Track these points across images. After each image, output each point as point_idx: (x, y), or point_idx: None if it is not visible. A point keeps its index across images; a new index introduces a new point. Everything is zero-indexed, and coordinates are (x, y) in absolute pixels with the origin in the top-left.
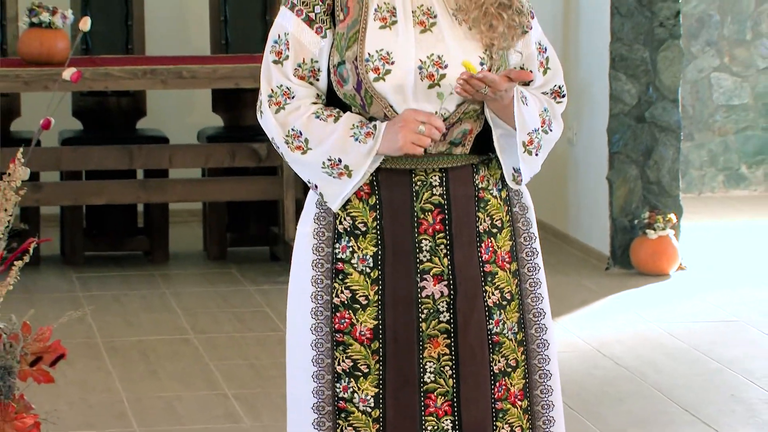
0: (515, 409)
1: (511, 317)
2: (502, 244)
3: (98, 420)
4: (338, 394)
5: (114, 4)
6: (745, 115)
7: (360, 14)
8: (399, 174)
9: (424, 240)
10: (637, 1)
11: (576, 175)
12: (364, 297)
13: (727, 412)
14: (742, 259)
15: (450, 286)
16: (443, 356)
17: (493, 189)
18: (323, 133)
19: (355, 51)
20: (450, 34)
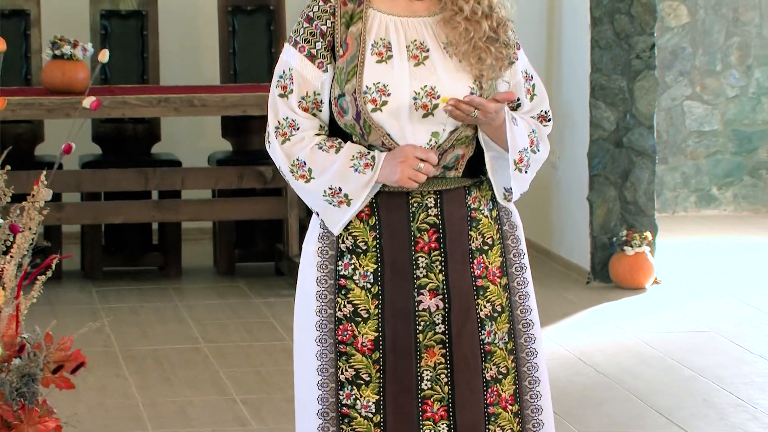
0: (506, 413)
1: (502, 328)
2: (492, 260)
3: (116, 423)
4: (342, 401)
5: (130, 38)
6: (715, 141)
7: (358, 49)
8: (396, 196)
9: (420, 257)
10: (615, 35)
11: (559, 195)
12: (365, 311)
13: (699, 416)
14: (713, 274)
15: (445, 300)
16: (439, 365)
17: (484, 209)
18: (325, 163)
19: (354, 84)
20: (442, 66)
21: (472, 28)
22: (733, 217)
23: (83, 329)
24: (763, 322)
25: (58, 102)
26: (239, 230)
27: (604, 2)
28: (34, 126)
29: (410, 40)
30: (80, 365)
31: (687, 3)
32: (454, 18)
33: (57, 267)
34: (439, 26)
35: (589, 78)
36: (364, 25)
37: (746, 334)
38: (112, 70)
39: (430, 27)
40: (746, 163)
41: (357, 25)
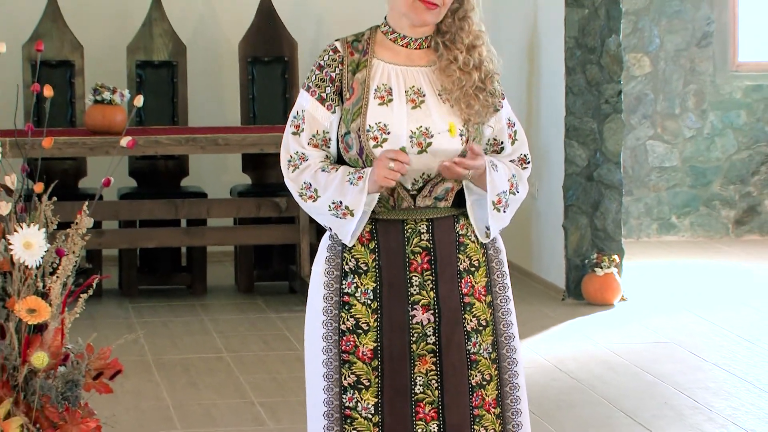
0: (489, 415)
1: (486, 340)
2: (478, 280)
3: (149, 423)
4: (345, 404)
5: (162, 85)
6: (674, 175)
7: (362, 93)
8: (393, 223)
9: (414, 277)
10: (587, 83)
11: (538, 223)
12: (365, 324)
13: (661, 417)
14: (673, 293)
15: (435, 315)
16: (430, 372)
17: (471, 235)
18: (327, 182)
19: (359, 123)
20: (436, 110)
21: (464, 78)
22: (690, 243)
23: (120, 340)
24: (717, 335)
25: (99, 141)
26: (257, 253)
27: (577, 54)
28: (78, 162)
29: (409, 86)
30: (117, 372)
31: (649, 55)
32: (449, 67)
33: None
34: (435, 75)
35: (564, 120)
36: (369, 72)
37: (702, 345)
38: (146, 113)
39: (427, 75)
40: (701, 195)
41: (362, 72)
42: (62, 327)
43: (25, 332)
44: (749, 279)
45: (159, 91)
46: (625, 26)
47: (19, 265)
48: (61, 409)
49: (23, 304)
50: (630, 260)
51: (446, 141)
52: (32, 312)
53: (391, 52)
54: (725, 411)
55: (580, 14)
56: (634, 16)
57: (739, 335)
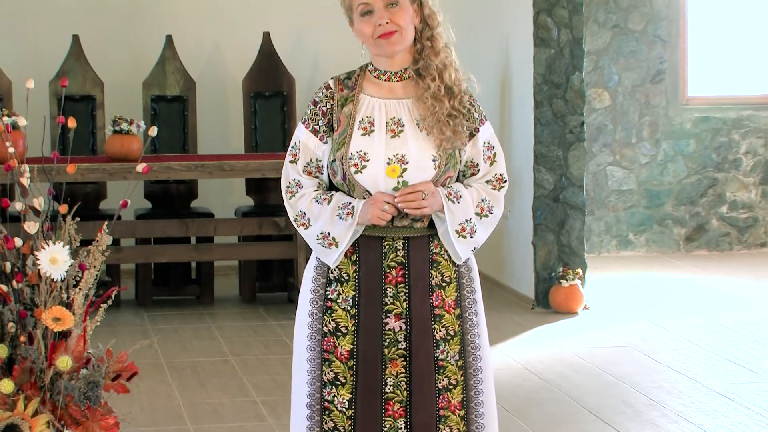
0: (455, 416)
1: (454, 348)
2: (449, 294)
3: (162, 420)
4: (324, 397)
5: (174, 117)
6: (631, 197)
7: (348, 125)
8: (374, 240)
9: (389, 288)
10: (553, 115)
11: (509, 240)
12: (344, 327)
13: (620, 413)
14: (630, 302)
15: (407, 323)
16: (400, 374)
17: (444, 253)
18: (319, 213)
19: (342, 152)
20: (412, 138)
21: (437, 105)
22: (645, 257)
23: (136, 345)
24: (670, 339)
25: (117, 167)
26: (259, 267)
27: (544, 89)
28: (99, 186)
29: (390, 117)
30: (134, 374)
31: (609, 90)
32: (424, 95)
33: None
34: (413, 105)
35: (533, 148)
36: (355, 106)
37: (656, 349)
38: (159, 142)
39: (407, 106)
40: (655, 215)
41: (349, 106)
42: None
43: (51, 338)
44: (698, 289)
45: (171, 123)
46: (587, 64)
47: (46, 278)
48: (83, 407)
49: (49, 313)
50: (592, 273)
51: (420, 168)
52: (57, 320)
53: (376, 86)
54: (677, 408)
55: (547, 53)
56: (595, 55)
57: (690, 340)
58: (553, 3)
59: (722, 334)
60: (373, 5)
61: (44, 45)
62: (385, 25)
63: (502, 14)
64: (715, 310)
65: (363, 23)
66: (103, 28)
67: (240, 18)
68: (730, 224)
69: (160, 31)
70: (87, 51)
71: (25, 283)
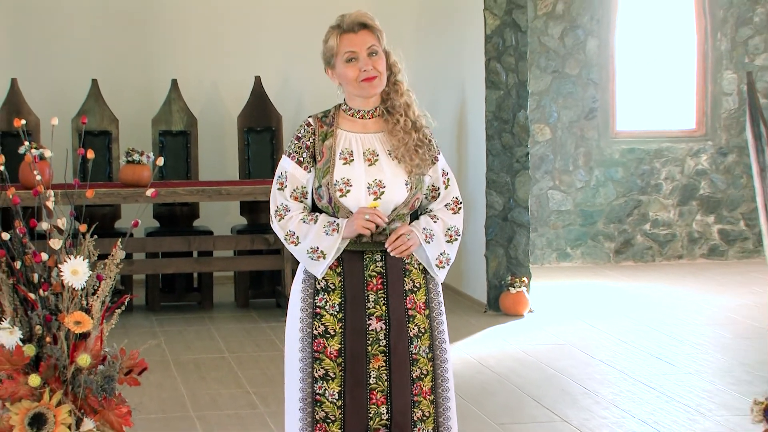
0: (425, 401)
1: (424, 344)
2: (419, 297)
3: (168, 408)
4: (316, 391)
5: (179, 149)
6: (568, 217)
7: (330, 156)
8: (356, 253)
9: (370, 294)
10: (502, 147)
11: (466, 253)
12: (332, 330)
13: (560, 401)
14: (568, 306)
15: (386, 324)
16: (381, 367)
17: (415, 263)
18: (307, 231)
19: (328, 179)
20: (387, 165)
21: (406, 137)
22: (580, 268)
23: (146, 345)
24: (602, 338)
25: (130, 192)
26: (252, 277)
27: (495, 125)
28: (114, 208)
29: (366, 148)
30: (144, 369)
31: (550, 125)
32: (395, 128)
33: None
34: (385, 138)
35: (485, 175)
36: (335, 140)
37: (590, 346)
38: (166, 171)
39: (379, 139)
40: (589, 232)
41: (329, 140)
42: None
43: (73, 339)
44: (626, 295)
45: (176, 154)
46: (531, 104)
47: (68, 287)
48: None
49: (71, 318)
50: (536, 281)
51: (396, 191)
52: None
53: (351, 123)
54: (608, 396)
55: (497, 94)
56: (538, 96)
57: (619, 338)
58: (501, 51)
59: (646, 333)
60: (358, 54)
61: (67, 87)
62: (369, 71)
63: (459, 61)
64: (639, 313)
65: (348, 68)
66: (117, 73)
67: (234, 65)
68: (653, 239)
69: (167, 76)
70: (104, 93)
71: (50, 291)
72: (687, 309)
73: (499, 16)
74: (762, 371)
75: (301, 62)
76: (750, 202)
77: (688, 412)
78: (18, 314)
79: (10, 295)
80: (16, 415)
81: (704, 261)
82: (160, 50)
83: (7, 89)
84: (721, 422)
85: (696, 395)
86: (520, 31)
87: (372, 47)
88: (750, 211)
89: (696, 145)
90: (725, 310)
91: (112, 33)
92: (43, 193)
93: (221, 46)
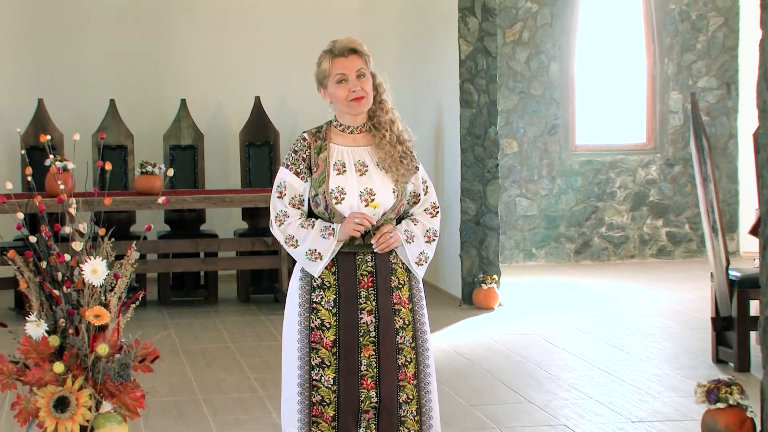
0: (410, 385)
1: (408, 334)
2: (404, 293)
3: (177, 392)
4: (313, 378)
5: (187, 161)
6: (534, 221)
7: (325, 167)
8: (349, 255)
9: (362, 291)
10: (475, 158)
11: (443, 253)
12: (328, 323)
13: (526, 384)
14: (534, 300)
15: (376, 317)
16: (371, 356)
17: (400, 263)
18: (306, 235)
19: (324, 188)
20: (376, 175)
21: (392, 150)
22: (545, 266)
23: (158, 336)
24: (564, 329)
25: (144, 200)
26: (253, 275)
27: (468, 139)
28: (129, 214)
29: (356, 160)
30: (156, 358)
31: (517, 140)
32: (381, 142)
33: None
34: (373, 151)
35: (460, 184)
36: (328, 153)
37: (553, 336)
38: (176, 181)
39: (368, 152)
40: (552, 234)
41: (324, 153)
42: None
43: (92, 331)
44: (584, 291)
45: (185, 166)
46: (500, 120)
47: (88, 284)
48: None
49: (91, 312)
50: (505, 278)
51: (385, 198)
52: (97, 317)
53: (341, 137)
54: (569, 380)
55: (470, 112)
56: (506, 113)
57: (578, 328)
58: (474, 74)
59: (602, 324)
60: (348, 75)
61: (88, 107)
62: (358, 91)
63: (436, 83)
64: (597, 306)
65: (338, 88)
66: (132, 94)
67: (237, 86)
68: (608, 241)
69: (176, 96)
70: (121, 111)
71: (73, 288)
72: (638, 302)
73: (472, 43)
74: (704, 357)
75: (296, 84)
76: (694, 207)
77: (639, 393)
78: (44, 309)
79: (36, 292)
80: (43, 398)
81: (654, 260)
82: (170, 74)
83: (34, 108)
84: (668, 403)
85: (646, 379)
86: (491, 56)
87: (360, 70)
88: (694, 216)
89: (646, 157)
90: (672, 303)
91: (128, 59)
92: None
93: (225, 71)
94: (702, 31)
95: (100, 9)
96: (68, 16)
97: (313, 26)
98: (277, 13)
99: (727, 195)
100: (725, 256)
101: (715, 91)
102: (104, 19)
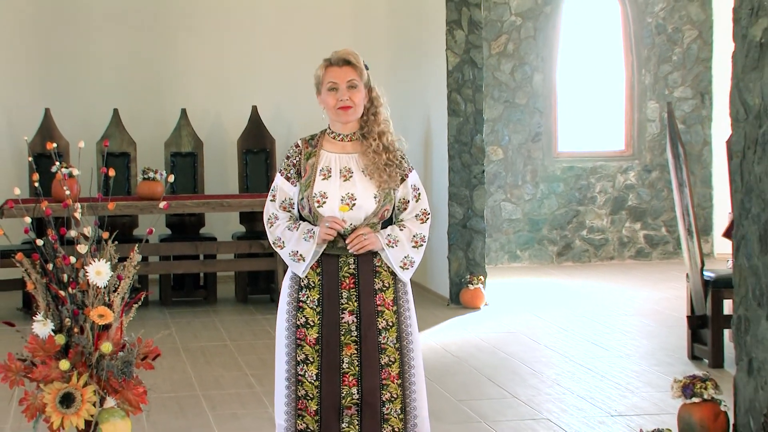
0: (393, 384)
1: (392, 335)
2: (388, 296)
3: (178, 388)
4: (298, 373)
5: (187, 167)
6: (518, 224)
7: (312, 173)
8: (332, 257)
9: (344, 292)
10: (462, 165)
11: (431, 255)
12: (312, 321)
13: (510, 380)
14: (518, 300)
15: (357, 317)
16: (353, 355)
17: (384, 266)
18: (290, 237)
19: (308, 192)
20: (360, 181)
21: (377, 158)
22: (528, 268)
23: (159, 334)
24: (546, 327)
25: (146, 204)
26: (250, 276)
27: (455, 146)
28: (132, 218)
29: (342, 166)
30: (157, 355)
31: (502, 147)
32: (368, 150)
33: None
34: (359, 158)
35: (448, 189)
36: (317, 159)
37: (537, 333)
38: (176, 186)
39: (355, 159)
40: (536, 237)
41: (312, 159)
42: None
43: (97, 330)
44: (566, 291)
45: (185, 172)
46: (486, 128)
47: (93, 285)
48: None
49: (95, 311)
50: (491, 279)
51: (366, 203)
52: (101, 316)
53: (332, 144)
54: (552, 376)
55: (457, 121)
56: (492, 122)
57: (560, 326)
58: (461, 84)
59: (584, 323)
60: (339, 84)
61: (92, 115)
62: (345, 101)
63: (425, 93)
64: (578, 305)
65: (329, 96)
66: (135, 104)
67: (235, 96)
68: (589, 243)
69: (177, 106)
70: (124, 120)
71: (78, 289)
72: (618, 302)
73: (459, 54)
74: (680, 354)
75: (291, 95)
76: (670, 211)
77: (618, 389)
78: (50, 309)
79: (43, 293)
80: (49, 394)
81: (632, 261)
82: (171, 84)
83: (41, 117)
84: (646, 398)
85: (626, 375)
86: (477, 67)
87: (352, 81)
88: (670, 219)
89: (625, 163)
90: (649, 303)
91: (131, 70)
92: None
93: (224, 81)
94: (677, 44)
95: (104, 24)
96: (74, 30)
97: (306, 40)
98: (272, 28)
99: (702, 199)
100: (700, 257)
101: (690, 101)
102: (108, 33)
